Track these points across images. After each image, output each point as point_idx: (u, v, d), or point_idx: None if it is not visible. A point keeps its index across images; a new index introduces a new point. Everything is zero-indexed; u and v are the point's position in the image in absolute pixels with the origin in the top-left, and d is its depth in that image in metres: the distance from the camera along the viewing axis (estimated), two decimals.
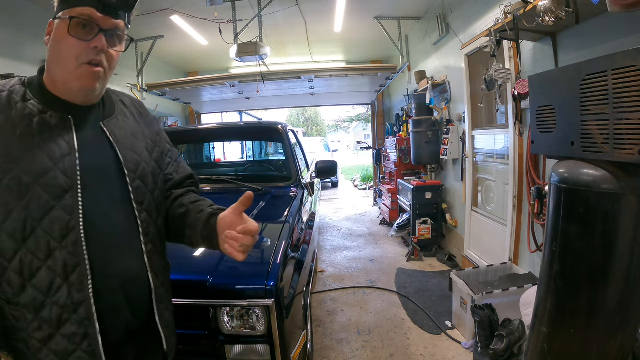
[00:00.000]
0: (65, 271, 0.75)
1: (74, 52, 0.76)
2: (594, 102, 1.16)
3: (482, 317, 2.14)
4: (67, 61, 0.77)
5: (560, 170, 1.28)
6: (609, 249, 1.16)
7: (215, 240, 0.90)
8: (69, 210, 0.76)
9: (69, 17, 0.76)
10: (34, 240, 0.74)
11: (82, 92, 0.80)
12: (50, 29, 0.80)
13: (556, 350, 1.30)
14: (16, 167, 0.73)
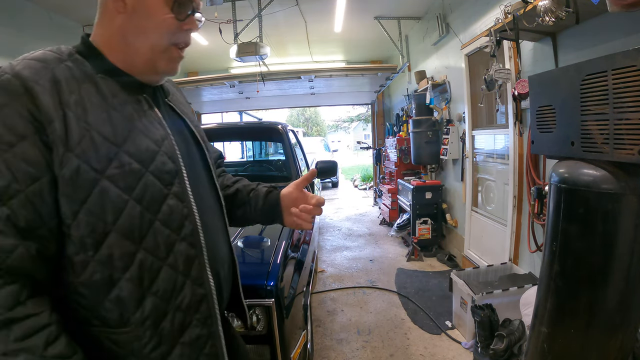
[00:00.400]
0: (186, 266, 0.67)
1: (169, 30, 0.67)
2: (594, 102, 1.16)
3: (482, 317, 2.14)
4: (158, 39, 0.67)
5: (560, 170, 1.28)
6: (609, 249, 1.16)
7: (278, 215, 0.90)
8: (181, 197, 0.68)
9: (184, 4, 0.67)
10: (153, 237, 0.64)
11: (165, 74, 0.72)
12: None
13: (556, 350, 1.30)
14: (120, 150, 0.62)
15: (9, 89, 0.56)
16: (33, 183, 0.55)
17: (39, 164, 0.56)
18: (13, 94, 0.56)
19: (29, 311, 0.54)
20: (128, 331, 0.62)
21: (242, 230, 1.71)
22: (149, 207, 0.63)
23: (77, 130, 0.58)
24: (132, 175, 0.62)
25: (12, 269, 0.53)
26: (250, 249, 1.63)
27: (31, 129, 0.56)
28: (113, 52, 0.67)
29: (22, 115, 0.56)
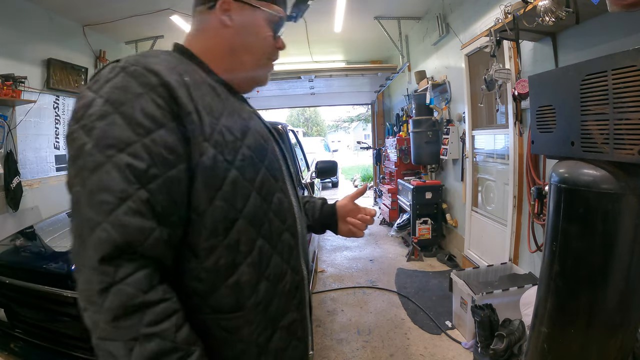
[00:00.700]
0: (288, 254, 0.72)
1: (270, 47, 0.77)
2: (594, 102, 1.16)
3: (482, 317, 2.14)
4: (260, 54, 0.76)
5: (560, 170, 1.28)
6: (609, 249, 1.16)
7: (333, 224, 1.00)
8: (285, 192, 0.74)
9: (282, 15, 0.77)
10: (268, 225, 0.68)
11: (258, 85, 0.80)
12: (228, 7, 0.71)
13: (556, 350, 1.30)
14: (243, 144, 0.65)
15: (144, 80, 0.58)
16: (170, 169, 0.57)
17: (176, 152, 0.58)
18: (148, 85, 0.58)
19: (160, 296, 0.54)
20: (241, 316, 0.64)
21: None
22: (265, 198, 0.68)
23: (208, 123, 0.62)
24: (253, 167, 0.66)
25: (147, 252, 0.54)
26: None
27: (169, 118, 0.58)
28: (217, 62, 0.72)
29: (159, 105, 0.57)
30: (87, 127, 0.55)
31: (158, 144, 0.56)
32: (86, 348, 1.42)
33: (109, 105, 0.55)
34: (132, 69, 0.59)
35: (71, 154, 0.56)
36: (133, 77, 0.58)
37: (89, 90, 0.58)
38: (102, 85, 0.58)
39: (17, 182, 3.21)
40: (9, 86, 3.03)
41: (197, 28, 0.74)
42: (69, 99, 4.23)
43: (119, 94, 0.56)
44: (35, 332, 1.53)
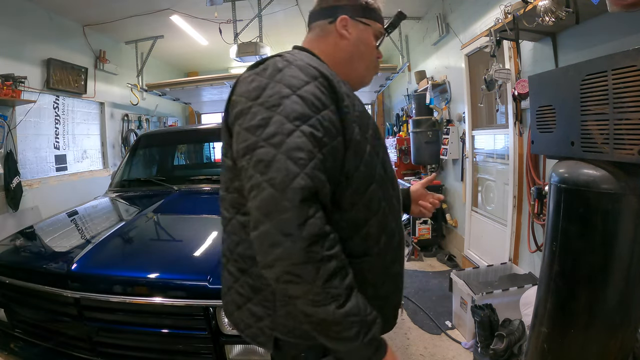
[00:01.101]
0: (397, 217, 0.88)
1: (374, 58, 0.95)
2: (594, 102, 1.16)
3: (482, 317, 2.14)
4: (370, 61, 0.93)
5: (560, 170, 1.28)
6: (609, 249, 1.16)
7: (407, 206, 1.15)
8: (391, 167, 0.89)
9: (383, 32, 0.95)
10: (386, 190, 0.83)
11: (363, 86, 0.96)
12: (346, 24, 0.88)
13: (556, 350, 1.30)
14: (369, 124, 0.81)
15: (309, 72, 0.73)
16: (334, 140, 0.71)
17: (337, 128, 0.72)
18: (312, 75, 0.73)
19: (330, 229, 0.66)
20: (367, 261, 0.78)
21: None
22: (384, 169, 0.83)
23: (352, 108, 0.77)
24: (378, 142, 0.83)
25: (323, 199, 0.67)
26: None
27: (330, 101, 0.72)
28: (336, 66, 0.86)
29: (323, 92, 0.72)
30: (268, 104, 0.69)
31: (326, 120, 0.70)
32: (86, 348, 1.43)
33: (287, 88, 0.69)
34: (298, 63, 0.74)
35: (252, 124, 0.68)
36: (300, 69, 0.73)
37: (259, 76, 0.73)
38: (274, 74, 0.72)
39: (17, 182, 3.21)
40: (9, 86, 3.03)
41: (317, 37, 0.91)
42: (69, 99, 4.23)
43: (293, 80, 0.71)
44: (35, 332, 1.53)
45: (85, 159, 4.58)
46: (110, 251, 1.59)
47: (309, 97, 0.69)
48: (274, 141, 0.65)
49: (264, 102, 0.69)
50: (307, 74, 0.72)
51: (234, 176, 0.77)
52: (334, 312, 0.64)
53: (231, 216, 0.80)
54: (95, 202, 2.47)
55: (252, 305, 0.80)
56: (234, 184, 0.78)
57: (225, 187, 0.81)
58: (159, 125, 6.26)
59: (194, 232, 1.87)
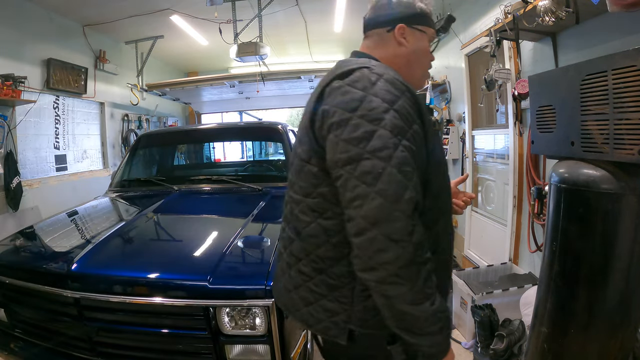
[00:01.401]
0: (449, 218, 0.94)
1: (429, 62, 1.01)
2: (594, 102, 1.16)
3: (482, 317, 2.14)
4: (427, 66, 1.01)
5: (560, 170, 1.28)
6: (609, 249, 1.16)
7: None
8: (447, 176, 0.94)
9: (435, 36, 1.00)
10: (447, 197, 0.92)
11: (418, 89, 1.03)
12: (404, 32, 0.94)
13: (556, 350, 1.30)
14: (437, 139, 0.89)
15: (398, 86, 0.78)
16: (421, 151, 0.78)
17: (422, 139, 0.79)
18: (401, 90, 0.78)
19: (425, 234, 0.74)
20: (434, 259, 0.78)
21: (242, 230, 1.71)
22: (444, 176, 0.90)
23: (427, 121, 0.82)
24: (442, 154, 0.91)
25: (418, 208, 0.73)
26: (250, 249, 1.63)
27: (417, 115, 0.78)
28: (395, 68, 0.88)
29: (412, 106, 0.78)
30: (370, 117, 0.73)
31: (416, 133, 0.76)
32: (86, 348, 1.43)
33: (385, 103, 0.74)
34: (387, 76, 0.78)
35: (354, 136, 0.73)
36: (391, 83, 0.77)
37: (353, 88, 0.77)
38: (369, 86, 0.76)
39: (17, 182, 3.21)
40: (9, 86, 3.03)
41: (376, 44, 0.97)
42: (69, 99, 4.23)
43: (388, 95, 0.75)
44: (35, 332, 1.53)
45: (85, 159, 4.58)
46: (110, 251, 1.58)
47: (403, 112, 0.75)
48: (382, 155, 0.71)
49: (365, 115, 0.73)
50: (398, 89, 0.77)
51: (318, 182, 0.82)
52: (427, 309, 0.71)
53: (311, 220, 0.84)
54: (95, 202, 2.47)
55: (326, 301, 0.84)
56: (318, 189, 0.82)
57: (305, 193, 0.84)
58: (159, 125, 6.26)
59: (194, 232, 1.87)
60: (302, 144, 0.87)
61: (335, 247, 0.80)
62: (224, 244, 1.56)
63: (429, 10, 0.97)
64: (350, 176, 0.72)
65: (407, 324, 0.73)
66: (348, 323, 0.83)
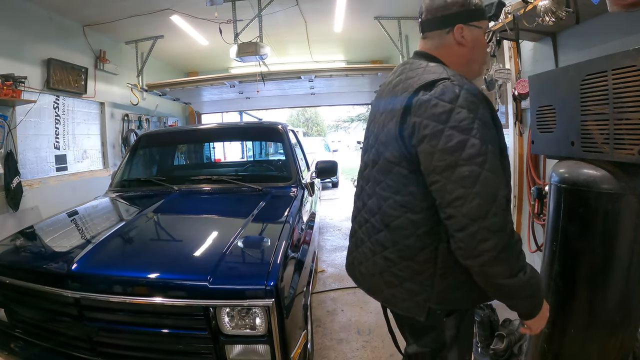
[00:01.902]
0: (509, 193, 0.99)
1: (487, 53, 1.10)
2: (594, 102, 1.16)
3: (482, 317, 2.14)
4: (484, 60, 1.09)
5: (560, 170, 1.28)
6: (609, 249, 1.16)
7: None
8: None
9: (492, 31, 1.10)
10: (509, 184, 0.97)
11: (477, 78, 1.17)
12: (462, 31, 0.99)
13: (556, 350, 1.30)
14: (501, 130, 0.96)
15: (477, 96, 0.89)
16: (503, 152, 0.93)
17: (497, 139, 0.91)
18: (480, 99, 0.89)
19: None
20: None
21: (243, 230, 1.71)
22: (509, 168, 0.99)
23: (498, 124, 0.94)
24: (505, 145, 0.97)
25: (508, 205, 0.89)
26: (250, 249, 1.63)
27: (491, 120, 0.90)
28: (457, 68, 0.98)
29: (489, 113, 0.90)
30: (460, 128, 0.84)
31: (494, 138, 0.89)
32: (86, 348, 1.43)
33: (471, 113, 0.85)
34: (467, 87, 0.88)
35: (449, 146, 0.84)
36: (471, 94, 0.88)
37: (441, 100, 0.87)
38: (454, 99, 0.86)
39: (17, 182, 3.21)
40: (9, 86, 3.03)
41: (436, 46, 1.03)
42: (69, 99, 4.23)
43: (472, 106, 0.86)
44: (35, 332, 1.53)
45: (86, 159, 4.59)
46: (110, 251, 1.58)
47: (486, 120, 0.88)
48: (478, 161, 0.83)
49: (455, 126, 0.85)
50: (478, 98, 0.89)
51: (408, 182, 0.95)
52: (520, 279, 0.86)
53: (400, 214, 0.97)
54: (95, 202, 2.47)
55: (410, 284, 0.98)
56: (408, 188, 0.95)
57: (395, 190, 0.97)
58: (159, 125, 6.27)
59: (194, 232, 1.87)
60: (388, 148, 0.98)
61: (420, 238, 0.95)
62: (224, 244, 1.56)
63: (481, 3, 1.01)
64: (447, 181, 0.84)
65: (505, 293, 0.91)
66: (428, 302, 0.98)
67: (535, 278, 0.90)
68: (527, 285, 0.88)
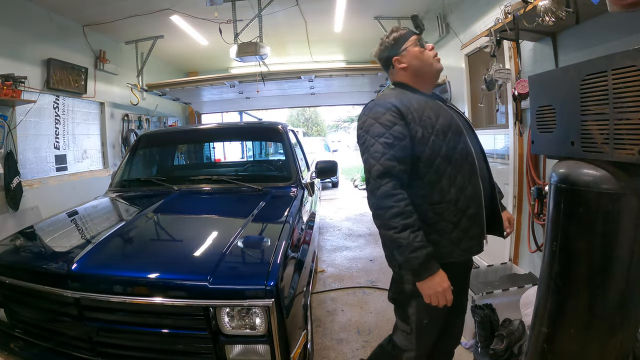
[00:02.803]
0: (469, 176, 1.32)
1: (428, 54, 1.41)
2: (594, 102, 1.16)
3: (482, 317, 2.14)
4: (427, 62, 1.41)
5: (560, 170, 1.27)
6: (609, 249, 1.15)
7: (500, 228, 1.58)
8: (466, 144, 1.34)
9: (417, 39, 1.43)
10: (455, 160, 1.30)
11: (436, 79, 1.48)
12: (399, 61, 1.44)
13: (556, 350, 1.30)
14: (437, 123, 1.30)
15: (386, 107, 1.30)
16: (402, 141, 1.26)
17: (404, 134, 1.27)
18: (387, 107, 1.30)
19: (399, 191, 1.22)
20: (443, 206, 1.30)
21: (243, 230, 1.71)
22: (452, 148, 1.31)
23: (417, 117, 1.29)
24: (444, 133, 1.30)
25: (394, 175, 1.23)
26: (250, 249, 1.63)
27: (398, 119, 1.28)
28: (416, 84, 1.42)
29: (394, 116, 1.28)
30: (367, 130, 1.30)
31: (397, 132, 1.26)
32: (86, 348, 1.43)
33: (374, 120, 1.29)
34: (379, 103, 1.33)
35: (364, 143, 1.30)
36: (380, 106, 1.31)
37: (365, 115, 1.33)
38: (369, 112, 1.33)
39: (17, 182, 3.21)
40: (9, 86, 3.03)
41: (395, 77, 1.46)
42: (69, 99, 4.23)
43: (376, 114, 1.30)
44: (35, 332, 1.53)
45: (85, 159, 4.59)
46: (110, 251, 1.58)
47: (384, 122, 1.27)
48: (368, 151, 1.28)
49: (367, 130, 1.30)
50: (384, 108, 1.30)
51: None
52: (392, 235, 1.20)
53: None
54: (95, 202, 2.47)
55: None
56: None
57: None
58: (159, 125, 6.27)
59: (194, 232, 1.87)
60: None
61: None
62: (224, 244, 1.56)
63: (399, 33, 1.40)
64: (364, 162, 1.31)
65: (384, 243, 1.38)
66: None
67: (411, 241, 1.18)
68: (398, 242, 1.19)
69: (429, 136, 1.27)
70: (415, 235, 1.18)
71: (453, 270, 1.29)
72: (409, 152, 1.25)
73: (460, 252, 1.33)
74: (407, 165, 1.25)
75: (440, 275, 1.22)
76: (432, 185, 1.28)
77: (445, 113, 1.34)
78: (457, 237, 1.31)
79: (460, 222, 1.30)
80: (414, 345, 1.39)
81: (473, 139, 1.41)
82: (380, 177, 1.21)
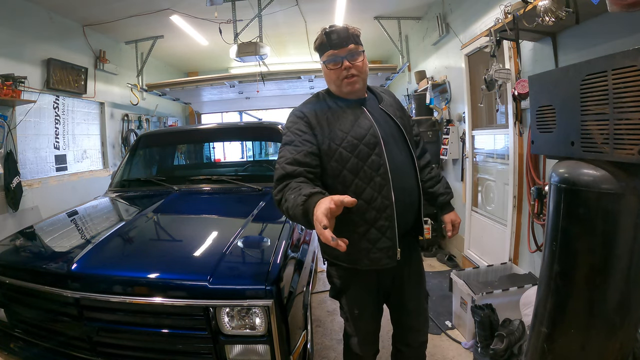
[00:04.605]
0: (379, 189, 1.30)
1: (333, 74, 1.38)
2: (594, 102, 1.16)
3: (482, 317, 2.14)
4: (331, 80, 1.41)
5: (560, 170, 1.27)
6: (609, 249, 1.15)
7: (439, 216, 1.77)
8: (380, 155, 1.31)
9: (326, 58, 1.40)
10: (363, 173, 1.31)
11: (349, 93, 1.38)
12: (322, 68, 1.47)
13: (556, 350, 1.30)
14: (348, 135, 1.32)
15: (297, 115, 1.39)
16: (311, 147, 1.30)
17: (311, 142, 1.31)
18: (298, 117, 1.38)
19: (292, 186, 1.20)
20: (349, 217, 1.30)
21: (242, 230, 1.71)
22: (361, 160, 1.31)
23: (327, 129, 1.34)
24: (353, 145, 1.31)
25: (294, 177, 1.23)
26: (250, 249, 1.63)
27: (307, 129, 1.34)
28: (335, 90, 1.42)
29: (304, 124, 1.35)
30: (283, 137, 1.36)
31: (304, 139, 1.31)
32: (86, 348, 1.43)
33: (287, 129, 1.37)
34: (295, 112, 1.41)
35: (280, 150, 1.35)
36: (294, 115, 1.40)
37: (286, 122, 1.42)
38: (287, 120, 1.41)
39: (17, 182, 3.21)
40: (9, 86, 3.03)
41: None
42: (69, 99, 4.23)
43: (289, 123, 1.39)
44: (35, 332, 1.53)
45: (85, 159, 4.58)
46: (110, 251, 1.59)
47: (294, 130, 1.34)
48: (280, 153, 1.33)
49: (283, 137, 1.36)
50: (296, 117, 1.38)
51: None
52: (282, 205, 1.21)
53: None
54: (95, 202, 2.47)
55: None
56: None
57: None
58: (159, 125, 6.26)
59: (194, 232, 1.87)
60: None
61: None
62: (224, 244, 1.56)
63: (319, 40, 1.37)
64: None
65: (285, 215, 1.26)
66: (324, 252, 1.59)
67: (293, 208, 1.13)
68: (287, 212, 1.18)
69: (336, 148, 1.30)
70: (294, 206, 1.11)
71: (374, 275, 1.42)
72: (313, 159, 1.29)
73: (368, 262, 1.33)
74: (314, 169, 1.28)
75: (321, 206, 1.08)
76: (334, 179, 1.32)
77: (363, 122, 1.33)
78: (365, 248, 1.31)
79: (367, 233, 1.31)
80: (354, 332, 1.52)
81: (395, 148, 1.37)
82: (278, 180, 1.24)
